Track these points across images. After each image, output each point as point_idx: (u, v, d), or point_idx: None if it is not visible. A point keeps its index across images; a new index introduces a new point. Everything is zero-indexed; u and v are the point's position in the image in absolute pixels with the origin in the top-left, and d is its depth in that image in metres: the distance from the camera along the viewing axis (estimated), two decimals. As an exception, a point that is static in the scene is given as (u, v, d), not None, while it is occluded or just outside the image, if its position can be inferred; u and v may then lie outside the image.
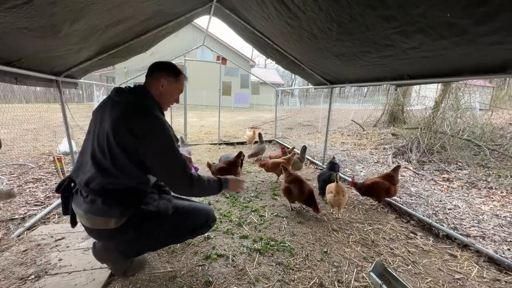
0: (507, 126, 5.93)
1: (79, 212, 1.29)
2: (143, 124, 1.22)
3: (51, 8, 1.32)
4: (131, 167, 1.25)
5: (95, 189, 1.24)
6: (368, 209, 2.71)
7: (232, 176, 1.61)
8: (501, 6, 1.07)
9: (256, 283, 1.59)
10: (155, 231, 1.40)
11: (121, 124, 1.20)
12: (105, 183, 1.23)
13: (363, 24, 1.66)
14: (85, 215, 1.26)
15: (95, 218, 1.26)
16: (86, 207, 1.24)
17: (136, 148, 1.22)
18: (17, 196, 2.54)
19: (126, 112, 1.23)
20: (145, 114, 1.25)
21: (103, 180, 1.23)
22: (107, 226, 1.26)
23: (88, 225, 1.30)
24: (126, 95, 1.31)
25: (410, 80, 2.29)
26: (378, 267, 1.65)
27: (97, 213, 1.24)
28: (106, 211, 1.24)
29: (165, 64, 1.44)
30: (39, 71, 2.24)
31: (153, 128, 1.24)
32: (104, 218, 1.25)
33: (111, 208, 1.24)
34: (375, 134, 7.36)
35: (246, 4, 2.51)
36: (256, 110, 18.09)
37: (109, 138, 1.20)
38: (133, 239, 1.37)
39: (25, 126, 5.71)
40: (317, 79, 3.80)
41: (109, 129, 1.20)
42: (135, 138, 1.20)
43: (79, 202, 1.28)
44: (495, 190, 3.32)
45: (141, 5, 1.96)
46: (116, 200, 1.25)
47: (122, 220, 1.27)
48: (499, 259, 1.89)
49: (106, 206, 1.23)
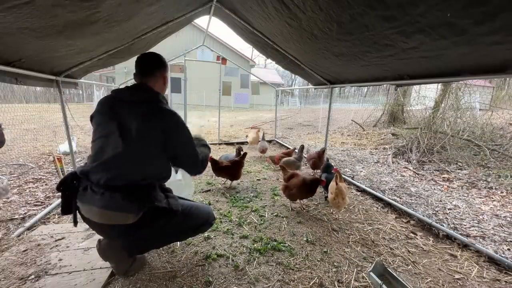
0: (507, 126, 5.93)
1: (92, 209, 1.28)
2: (170, 122, 1.36)
3: (54, 10, 1.32)
4: (164, 161, 1.41)
5: (116, 185, 1.26)
6: (368, 209, 2.71)
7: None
8: (501, 6, 1.07)
9: (256, 283, 1.59)
10: (163, 229, 1.46)
11: (152, 123, 1.32)
12: (127, 181, 1.28)
13: (363, 24, 1.66)
14: (102, 211, 1.26)
15: (113, 214, 1.27)
16: (103, 203, 1.25)
17: (165, 142, 1.35)
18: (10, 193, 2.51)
19: (153, 112, 1.34)
20: (169, 112, 1.38)
21: (131, 176, 1.29)
22: (126, 221, 1.29)
23: (104, 221, 1.29)
24: (141, 94, 1.38)
25: (410, 80, 2.29)
26: (378, 267, 1.65)
27: (117, 208, 1.26)
28: (126, 206, 1.27)
29: (161, 59, 1.50)
30: (39, 71, 2.23)
31: (178, 124, 1.39)
32: (124, 213, 1.28)
33: (130, 204, 1.27)
34: (375, 134, 7.36)
35: (246, 4, 2.51)
36: (256, 110, 18.09)
37: (142, 136, 1.30)
38: (143, 235, 1.43)
39: (25, 126, 5.70)
40: (317, 79, 3.80)
41: (141, 128, 1.29)
42: (164, 133, 1.33)
43: (92, 199, 1.27)
44: (495, 190, 3.32)
45: (149, 16, 1.97)
46: (134, 196, 1.29)
47: (139, 215, 1.30)
48: (499, 259, 1.89)
49: (125, 201, 1.26)
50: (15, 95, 9.24)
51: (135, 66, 1.46)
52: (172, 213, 1.44)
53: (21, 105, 6.83)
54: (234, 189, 3.12)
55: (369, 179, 3.69)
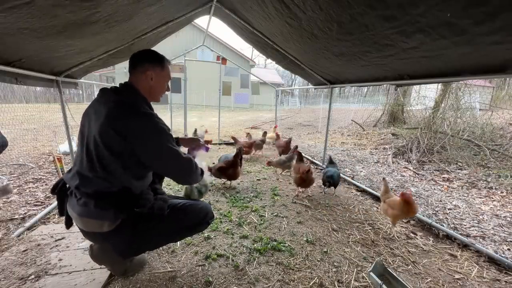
0: (507, 126, 5.93)
1: (73, 215, 1.28)
2: (132, 125, 1.17)
3: (54, 10, 1.32)
4: (120, 170, 1.22)
5: (88, 192, 1.22)
6: (368, 209, 2.71)
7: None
8: (501, 6, 1.07)
9: (256, 283, 1.59)
10: (152, 231, 1.39)
11: (107, 126, 1.15)
12: (96, 188, 1.22)
13: (363, 24, 1.66)
14: (79, 218, 1.25)
15: (88, 221, 1.24)
16: (79, 210, 1.23)
17: (130, 149, 1.19)
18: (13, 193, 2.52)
19: (111, 114, 1.17)
20: (132, 113, 1.19)
21: (94, 185, 1.22)
22: (101, 229, 1.25)
23: (83, 227, 1.29)
24: (110, 95, 1.26)
25: (410, 80, 2.29)
26: (378, 267, 1.65)
27: (90, 215, 1.22)
28: (100, 214, 1.22)
29: (147, 54, 1.33)
30: (39, 71, 2.23)
31: (145, 128, 1.19)
32: (98, 221, 1.23)
33: (104, 211, 1.22)
34: (375, 134, 7.36)
35: (246, 4, 2.51)
36: (256, 110, 18.09)
37: (97, 142, 1.17)
38: (129, 240, 1.35)
39: (25, 126, 5.70)
40: (317, 79, 3.80)
41: (96, 133, 1.17)
42: (124, 139, 1.16)
43: (73, 204, 1.26)
44: (495, 190, 3.32)
45: (149, 16, 1.96)
46: (109, 203, 1.23)
47: (116, 222, 1.26)
48: (499, 259, 1.89)
49: (99, 209, 1.21)
50: (15, 95, 9.25)
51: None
52: (157, 217, 1.35)
53: (21, 105, 6.83)
54: (234, 189, 3.12)
55: (369, 179, 3.69)
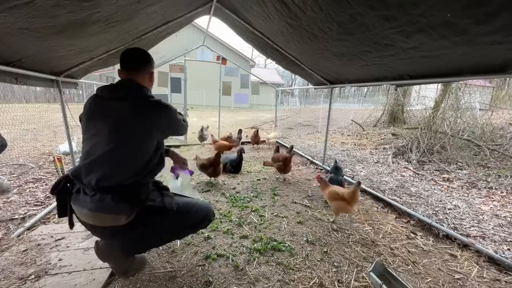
0: (507, 126, 5.93)
1: (83, 212, 1.27)
2: (164, 117, 1.38)
3: (54, 10, 1.32)
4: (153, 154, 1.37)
5: (106, 186, 1.24)
6: (368, 209, 2.71)
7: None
8: (501, 6, 1.07)
9: (256, 283, 1.59)
10: (160, 227, 1.43)
11: (142, 119, 1.30)
12: (116, 181, 1.25)
13: (363, 23, 1.66)
14: (93, 213, 1.25)
15: (104, 216, 1.26)
16: (93, 206, 1.24)
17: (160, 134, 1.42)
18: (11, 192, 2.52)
19: (143, 108, 1.32)
20: (161, 106, 1.37)
21: (114, 179, 1.25)
22: (117, 223, 1.27)
23: (96, 223, 1.29)
24: (127, 91, 1.34)
25: (410, 80, 2.29)
26: (378, 267, 1.65)
27: (107, 210, 1.24)
28: (117, 208, 1.25)
29: (147, 56, 1.45)
30: (39, 71, 2.24)
31: (172, 117, 1.41)
32: (115, 215, 1.26)
33: (121, 205, 1.25)
34: (375, 134, 7.36)
35: (246, 4, 2.51)
36: (256, 110, 18.09)
37: (131, 133, 1.29)
38: (139, 235, 1.39)
39: (25, 126, 5.70)
40: (317, 79, 3.80)
41: (129, 125, 1.28)
42: (158, 130, 1.37)
43: (84, 201, 1.26)
44: (495, 190, 3.32)
45: (149, 16, 1.96)
46: (125, 197, 1.26)
47: (132, 216, 1.29)
48: (499, 259, 1.89)
49: (115, 203, 1.24)
50: (15, 95, 9.24)
51: (119, 61, 1.40)
52: (168, 211, 1.41)
53: (21, 105, 6.82)
54: (234, 189, 3.12)
55: (369, 179, 3.69)
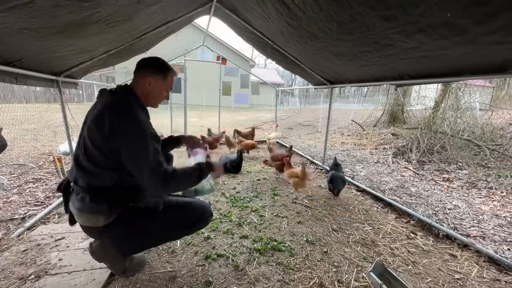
0: (507, 126, 5.93)
1: (73, 210, 1.32)
2: (113, 121, 1.18)
3: (54, 11, 1.32)
4: (110, 166, 1.24)
5: (83, 187, 1.27)
6: (368, 209, 2.71)
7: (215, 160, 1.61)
8: (501, 6, 1.07)
9: (256, 283, 1.59)
10: (149, 227, 1.39)
11: (93, 123, 1.21)
12: (89, 181, 1.26)
13: (363, 23, 1.66)
14: (77, 212, 1.29)
15: (85, 216, 1.29)
16: (77, 205, 1.28)
17: (110, 145, 1.20)
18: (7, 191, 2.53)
19: (100, 112, 1.22)
20: (117, 111, 1.21)
21: (86, 178, 1.26)
22: (97, 224, 1.28)
23: (81, 222, 1.33)
24: (107, 96, 1.30)
25: (410, 80, 2.29)
26: (378, 267, 1.65)
27: (86, 210, 1.26)
28: (95, 208, 1.26)
29: (152, 61, 1.38)
30: (39, 71, 2.24)
31: (121, 123, 1.19)
32: (93, 215, 1.27)
33: (99, 205, 1.26)
34: (375, 134, 7.36)
35: (246, 4, 2.51)
36: (256, 110, 18.08)
37: (85, 138, 1.24)
38: (126, 235, 1.37)
39: (25, 126, 5.70)
40: (317, 79, 3.80)
41: (86, 130, 1.25)
42: (106, 137, 1.18)
43: (73, 200, 1.31)
44: (495, 190, 3.32)
45: (149, 16, 1.96)
46: (103, 197, 1.27)
47: (111, 217, 1.29)
48: (499, 259, 1.89)
49: (94, 204, 1.25)
50: (15, 95, 9.23)
51: None
52: (155, 212, 1.37)
53: (21, 105, 6.82)
54: (234, 189, 3.12)
55: (369, 179, 3.69)
